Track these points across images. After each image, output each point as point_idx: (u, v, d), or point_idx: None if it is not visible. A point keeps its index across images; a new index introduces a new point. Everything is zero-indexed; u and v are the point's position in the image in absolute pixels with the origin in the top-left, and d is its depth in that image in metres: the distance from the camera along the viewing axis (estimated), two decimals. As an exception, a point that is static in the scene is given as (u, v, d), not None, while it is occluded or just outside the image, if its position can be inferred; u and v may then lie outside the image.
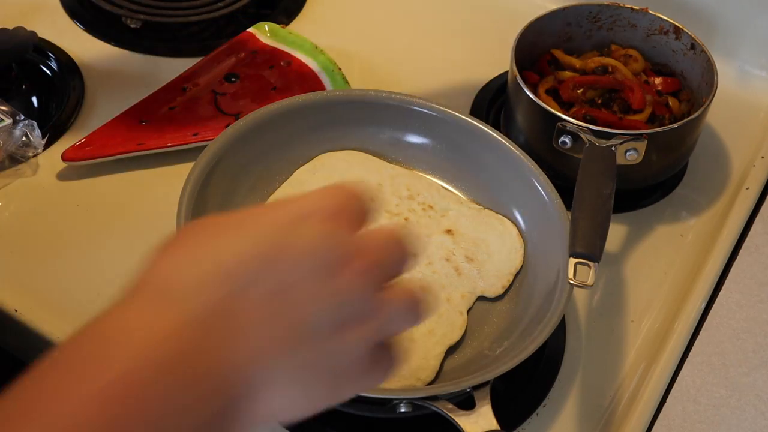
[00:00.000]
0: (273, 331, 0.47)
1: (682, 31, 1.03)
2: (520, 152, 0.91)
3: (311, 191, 0.51)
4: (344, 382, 0.51)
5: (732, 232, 0.97)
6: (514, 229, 0.92)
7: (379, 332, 0.51)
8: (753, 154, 1.06)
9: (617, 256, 0.96)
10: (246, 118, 0.92)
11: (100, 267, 0.90)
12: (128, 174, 0.99)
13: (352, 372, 0.50)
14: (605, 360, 0.87)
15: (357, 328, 0.49)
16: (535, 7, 1.07)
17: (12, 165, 0.98)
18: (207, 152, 0.88)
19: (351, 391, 0.52)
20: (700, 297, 0.91)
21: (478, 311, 0.87)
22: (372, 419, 0.80)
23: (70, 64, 1.10)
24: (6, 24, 1.07)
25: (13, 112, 0.98)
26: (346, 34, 1.19)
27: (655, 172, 0.99)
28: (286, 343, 0.47)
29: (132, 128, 1.01)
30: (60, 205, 0.96)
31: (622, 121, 0.97)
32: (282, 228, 0.49)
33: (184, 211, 0.82)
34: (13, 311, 0.86)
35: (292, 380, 0.48)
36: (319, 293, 0.48)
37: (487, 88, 1.12)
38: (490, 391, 0.74)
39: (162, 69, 1.11)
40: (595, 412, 0.83)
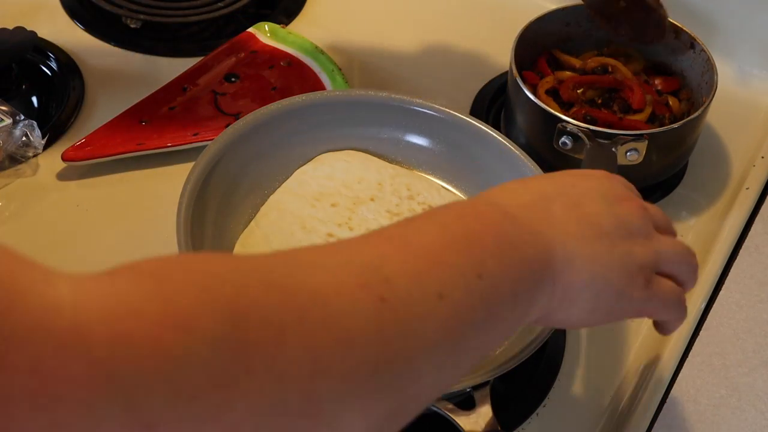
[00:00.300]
0: (576, 225, 0.59)
1: (681, 31, 1.03)
2: (521, 152, 0.91)
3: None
4: (629, 288, 0.60)
5: (732, 232, 0.97)
6: (514, 229, 0.92)
7: (657, 257, 0.62)
8: (753, 154, 1.06)
9: (617, 256, 0.96)
10: (246, 118, 0.92)
11: (100, 267, 0.90)
12: (128, 174, 0.99)
13: (636, 280, 0.60)
14: (605, 360, 0.87)
15: (639, 244, 0.61)
16: (535, 7, 1.07)
17: (12, 165, 0.98)
18: (207, 152, 0.88)
19: (633, 305, 0.62)
20: (700, 297, 0.91)
21: (478, 311, 0.87)
22: (372, 419, 0.80)
23: (70, 64, 1.10)
24: (6, 24, 1.07)
25: (13, 112, 0.98)
26: (346, 34, 1.19)
27: (655, 172, 0.99)
28: (587, 233, 0.59)
29: (132, 128, 1.01)
30: (60, 205, 0.96)
31: (622, 121, 0.97)
32: (573, 175, 0.66)
33: (184, 211, 0.82)
34: (13, 311, 0.85)
35: (590, 263, 0.58)
36: (608, 210, 0.61)
37: (487, 88, 1.12)
38: (490, 391, 0.74)
39: (162, 69, 1.11)
40: (595, 412, 0.83)
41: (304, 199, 0.93)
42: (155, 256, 0.46)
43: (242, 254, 0.46)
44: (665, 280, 0.63)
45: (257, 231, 0.90)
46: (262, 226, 0.90)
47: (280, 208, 0.92)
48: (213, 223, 0.87)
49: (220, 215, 0.88)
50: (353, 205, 0.92)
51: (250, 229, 0.90)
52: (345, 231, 0.91)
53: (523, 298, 0.55)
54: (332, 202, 0.92)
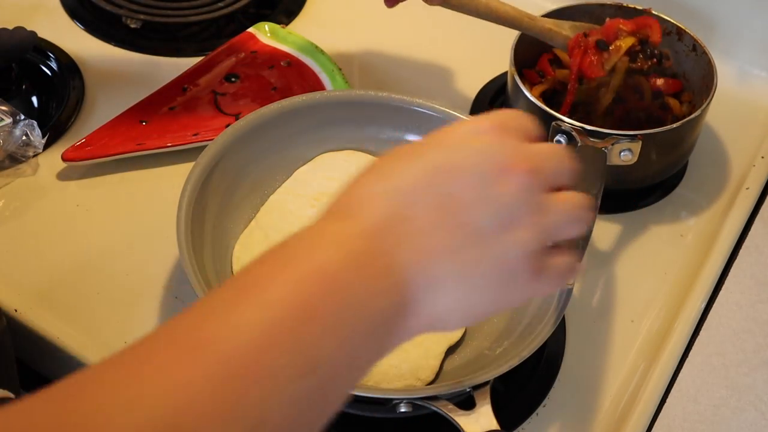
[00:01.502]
0: (441, 234, 0.52)
1: (684, 33, 1.03)
2: (521, 152, 0.91)
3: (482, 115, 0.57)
4: (512, 285, 0.54)
5: (732, 232, 0.97)
6: (514, 229, 0.92)
7: (544, 234, 0.54)
8: (753, 154, 1.06)
9: (617, 256, 0.96)
10: (246, 118, 0.92)
11: (100, 266, 0.91)
12: (128, 174, 0.99)
13: (520, 274, 0.54)
14: (605, 360, 0.87)
15: (522, 228, 0.53)
16: (536, 7, 1.07)
17: (12, 165, 0.98)
18: (207, 152, 0.88)
19: (520, 296, 0.55)
20: (700, 297, 0.91)
21: (478, 311, 0.87)
22: (372, 419, 0.80)
23: (70, 64, 1.10)
24: (6, 24, 1.07)
25: (13, 112, 0.98)
26: (346, 34, 1.19)
27: (654, 172, 0.99)
28: (454, 242, 0.52)
29: (132, 128, 1.02)
30: (60, 205, 0.96)
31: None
32: (452, 146, 0.55)
33: (184, 211, 0.82)
34: (13, 311, 0.86)
35: (460, 280, 0.52)
36: (484, 196, 0.52)
37: (487, 88, 1.12)
38: (490, 391, 0.74)
39: (162, 69, 1.11)
40: (595, 412, 0.83)
41: (304, 199, 0.93)
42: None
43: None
44: (558, 253, 0.56)
45: (257, 231, 0.90)
46: (262, 226, 0.90)
47: (280, 208, 0.92)
48: (213, 223, 0.87)
49: (220, 215, 0.88)
50: None
51: (250, 229, 0.90)
52: (345, 231, 0.90)
53: (377, 346, 0.51)
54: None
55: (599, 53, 0.95)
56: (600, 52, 0.95)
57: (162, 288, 0.89)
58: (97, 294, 0.88)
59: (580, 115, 1.00)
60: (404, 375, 0.80)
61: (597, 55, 0.95)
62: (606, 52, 0.95)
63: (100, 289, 0.88)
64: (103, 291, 0.88)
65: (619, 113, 0.99)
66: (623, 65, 0.96)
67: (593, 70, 0.95)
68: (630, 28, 0.97)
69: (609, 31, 0.97)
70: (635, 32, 0.97)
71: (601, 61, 0.95)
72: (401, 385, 0.80)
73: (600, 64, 0.95)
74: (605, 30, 0.97)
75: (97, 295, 0.88)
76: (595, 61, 0.95)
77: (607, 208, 0.95)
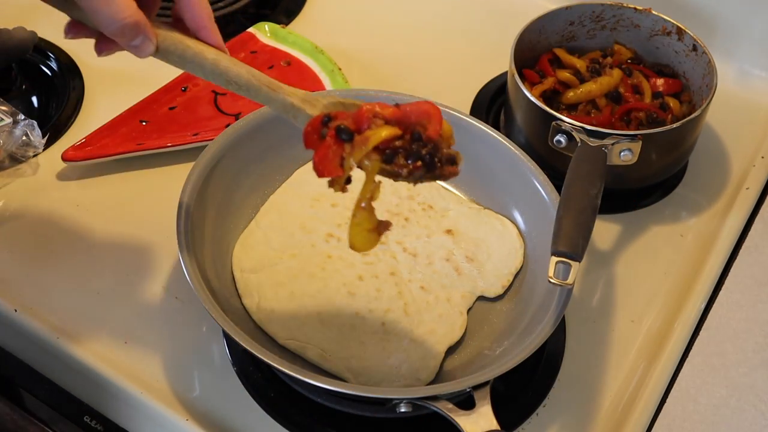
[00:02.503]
0: None
1: (684, 33, 1.03)
2: (520, 152, 0.91)
3: None
4: None
5: (732, 232, 0.97)
6: (514, 229, 0.92)
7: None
8: (753, 154, 1.06)
9: (617, 256, 0.96)
10: (246, 118, 0.92)
11: (100, 267, 0.91)
12: (128, 174, 0.99)
13: None
14: (605, 360, 0.87)
15: None
16: (536, 7, 1.07)
17: (12, 165, 0.98)
18: (207, 152, 0.88)
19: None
20: (700, 297, 0.91)
21: (478, 311, 0.87)
22: (372, 419, 0.80)
23: (70, 64, 1.10)
24: (6, 24, 1.07)
25: (13, 112, 0.98)
26: (346, 34, 1.19)
27: (654, 172, 0.99)
28: None
29: (132, 128, 1.02)
30: (60, 205, 0.96)
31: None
32: None
33: (184, 211, 0.82)
34: (13, 311, 0.86)
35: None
36: None
37: (487, 88, 1.12)
38: (490, 391, 0.74)
39: (162, 69, 1.09)
40: (595, 412, 0.83)
41: (304, 199, 0.93)
42: None
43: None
44: None
45: (257, 231, 0.90)
46: (262, 226, 0.90)
47: (280, 208, 0.92)
48: (213, 223, 0.87)
49: (220, 215, 0.88)
50: (353, 205, 0.92)
51: (250, 229, 0.90)
52: (345, 231, 0.90)
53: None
54: (332, 202, 0.92)
55: (339, 144, 0.68)
56: (340, 142, 0.68)
57: (162, 288, 0.89)
58: (97, 294, 0.88)
59: (580, 115, 1.00)
60: (404, 375, 0.80)
61: (336, 146, 0.68)
62: (350, 143, 0.68)
63: (100, 289, 0.88)
64: (103, 291, 0.88)
65: (619, 113, 0.99)
66: (373, 165, 0.69)
67: (326, 165, 0.69)
68: (392, 115, 0.69)
69: (361, 117, 0.69)
70: (401, 121, 0.69)
71: (339, 154, 0.68)
72: (401, 385, 0.80)
73: (336, 159, 0.68)
74: (357, 115, 0.70)
75: (97, 295, 0.88)
76: (330, 155, 0.68)
77: (607, 208, 0.95)
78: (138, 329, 0.86)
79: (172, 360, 0.84)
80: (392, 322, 0.84)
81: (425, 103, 0.70)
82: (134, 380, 0.82)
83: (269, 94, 0.74)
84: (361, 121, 0.69)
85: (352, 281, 0.87)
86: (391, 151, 0.69)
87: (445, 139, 0.71)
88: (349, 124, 0.69)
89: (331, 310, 0.84)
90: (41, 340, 0.84)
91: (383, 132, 0.68)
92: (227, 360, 0.84)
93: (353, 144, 0.68)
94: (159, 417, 0.81)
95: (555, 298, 0.80)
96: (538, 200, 0.89)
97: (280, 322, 0.83)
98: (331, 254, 0.89)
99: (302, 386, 0.81)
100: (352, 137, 0.68)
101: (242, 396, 0.82)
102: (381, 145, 0.69)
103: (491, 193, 0.94)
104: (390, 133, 0.69)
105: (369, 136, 0.68)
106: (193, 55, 0.73)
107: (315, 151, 0.70)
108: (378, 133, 0.68)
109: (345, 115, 0.71)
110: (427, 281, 0.87)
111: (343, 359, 0.81)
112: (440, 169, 0.70)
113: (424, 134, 0.69)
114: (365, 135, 0.68)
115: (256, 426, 0.80)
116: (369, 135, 0.68)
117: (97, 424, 0.83)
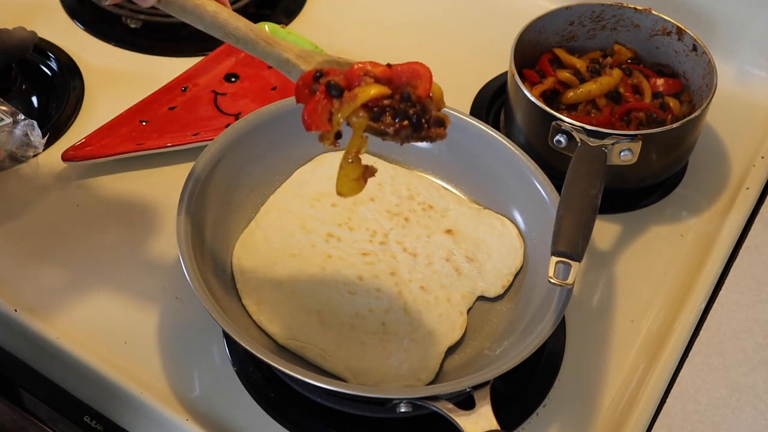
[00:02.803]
0: None
1: (684, 33, 1.03)
2: (520, 152, 0.91)
3: None
4: None
5: (732, 232, 0.97)
6: (514, 229, 0.92)
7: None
8: (753, 154, 1.06)
9: (617, 256, 0.96)
10: (246, 118, 0.92)
11: (99, 267, 0.91)
12: (128, 174, 0.99)
13: None
14: (605, 360, 0.87)
15: None
16: (536, 7, 1.07)
17: (12, 165, 0.98)
18: (207, 152, 0.88)
19: None
20: (700, 297, 0.91)
21: (478, 311, 0.87)
22: (372, 419, 0.80)
23: (70, 64, 1.10)
24: (6, 24, 1.07)
25: (13, 112, 0.98)
26: (346, 34, 1.19)
27: (654, 172, 0.99)
28: None
29: (132, 128, 1.02)
30: (60, 205, 0.96)
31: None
32: None
33: (184, 211, 0.82)
34: (13, 311, 0.86)
35: None
36: None
37: (487, 88, 1.12)
38: (490, 391, 0.74)
39: (162, 69, 1.11)
40: (595, 412, 0.83)
41: (304, 199, 0.93)
42: None
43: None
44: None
45: (257, 231, 0.90)
46: (262, 226, 0.90)
47: (280, 208, 0.92)
48: (213, 223, 0.87)
49: (220, 215, 0.88)
50: (353, 205, 0.92)
51: (250, 229, 0.90)
52: (345, 231, 0.91)
53: None
54: (332, 202, 0.92)
55: (329, 99, 0.70)
56: (330, 98, 0.71)
57: (162, 288, 0.89)
58: (97, 294, 0.88)
59: (580, 115, 1.00)
60: (404, 375, 0.80)
61: (325, 101, 0.70)
62: (339, 99, 0.70)
63: (100, 289, 0.88)
64: (103, 291, 0.88)
65: (619, 113, 0.99)
66: (360, 122, 0.71)
67: (314, 119, 0.70)
68: (383, 74, 0.72)
69: (352, 75, 0.71)
70: (392, 81, 0.72)
71: (328, 109, 0.71)
72: (401, 385, 0.80)
73: (325, 114, 0.70)
74: (349, 72, 0.72)
75: (97, 295, 0.88)
76: (319, 109, 0.70)
77: (607, 208, 0.95)
78: (138, 329, 0.86)
79: (172, 360, 0.84)
80: (392, 322, 0.84)
81: (416, 64, 0.72)
82: (134, 380, 0.82)
83: (266, 48, 0.76)
84: (352, 79, 0.71)
85: (352, 281, 0.87)
86: (379, 109, 0.70)
87: (435, 101, 0.72)
88: (340, 80, 0.71)
89: (331, 310, 0.84)
90: (41, 340, 0.84)
91: (372, 90, 0.70)
92: (227, 360, 0.84)
93: (342, 100, 0.70)
94: (159, 417, 0.81)
95: (555, 298, 0.80)
96: (538, 200, 0.89)
97: (280, 322, 0.83)
98: (331, 254, 0.89)
99: (302, 386, 0.81)
100: (341, 93, 0.70)
101: (242, 396, 0.82)
102: (369, 103, 0.70)
103: (491, 193, 0.94)
104: (378, 91, 0.70)
105: (358, 93, 0.70)
106: (193, 6, 0.75)
107: (305, 105, 0.71)
108: (366, 90, 0.70)
109: (337, 71, 0.72)
110: (427, 281, 0.87)
111: (343, 359, 0.81)
112: (427, 130, 0.71)
113: (414, 94, 0.70)
114: (354, 92, 0.70)
115: (256, 426, 0.80)
116: (358, 92, 0.70)
117: (97, 424, 0.83)
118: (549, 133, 0.94)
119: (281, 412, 0.81)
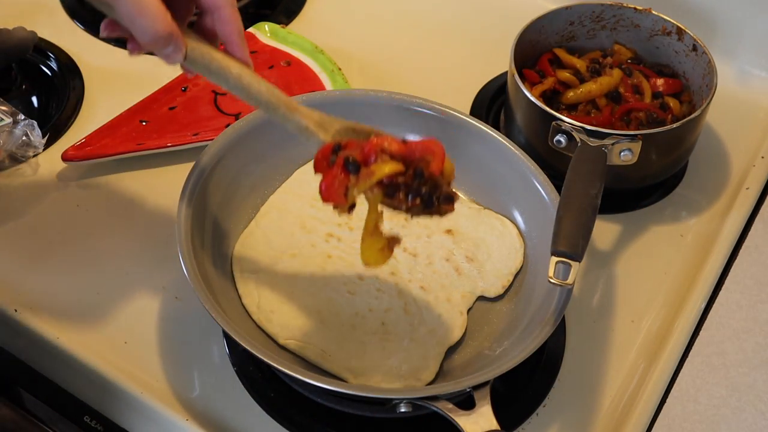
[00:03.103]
0: None
1: (684, 33, 1.03)
2: (520, 152, 0.91)
3: None
4: None
5: (732, 232, 0.97)
6: (514, 229, 0.92)
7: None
8: (753, 154, 1.06)
9: (617, 256, 0.96)
10: (246, 118, 0.92)
11: (100, 267, 0.91)
12: (128, 174, 0.99)
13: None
14: (605, 360, 0.87)
15: None
16: (536, 7, 1.07)
17: (12, 165, 0.98)
18: (207, 152, 0.88)
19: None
20: (700, 297, 0.91)
21: (478, 311, 0.87)
22: (372, 419, 0.80)
23: (70, 64, 1.10)
24: (6, 24, 1.07)
25: (13, 112, 0.98)
26: (346, 34, 1.19)
27: (654, 172, 0.99)
28: None
29: (132, 128, 1.02)
30: (60, 205, 0.96)
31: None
32: None
33: (184, 211, 0.82)
34: (13, 311, 0.86)
35: None
36: None
37: (487, 88, 1.12)
38: (490, 391, 0.74)
39: (162, 69, 1.10)
40: (595, 412, 0.83)
41: (304, 199, 0.93)
42: None
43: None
44: None
45: (257, 231, 0.90)
46: (262, 226, 0.90)
47: (280, 208, 0.92)
48: (213, 223, 0.87)
49: (220, 215, 0.88)
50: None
51: (250, 229, 0.90)
52: (345, 231, 0.91)
53: None
54: (332, 202, 0.92)
55: (346, 175, 0.73)
56: (347, 173, 0.73)
57: (162, 288, 0.89)
58: (97, 294, 0.88)
59: (580, 115, 1.00)
60: (404, 375, 0.80)
61: (342, 176, 0.73)
62: (355, 176, 0.73)
63: (100, 289, 0.88)
64: (103, 291, 0.88)
65: (619, 113, 0.99)
66: (375, 198, 0.74)
67: (331, 193, 0.73)
68: (399, 151, 0.74)
69: (370, 150, 0.73)
70: (406, 156, 0.74)
71: (345, 184, 0.73)
72: (401, 385, 0.80)
73: (341, 189, 0.73)
74: (367, 147, 0.74)
75: (97, 295, 0.88)
76: (336, 184, 0.72)
77: (607, 208, 0.95)
78: (138, 329, 0.86)
79: (172, 360, 0.84)
80: (392, 322, 0.84)
81: (431, 141, 0.75)
82: (134, 380, 0.82)
83: (286, 113, 0.77)
84: (369, 154, 0.73)
85: (352, 281, 0.87)
86: (393, 186, 0.73)
87: (446, 176, 0.75)
88: (357, 155, 0.73)
89: (331, 310, 0.84)
90: (41, 340, 0.84)
91: (386, 168, 0.73)
92: (227, 360, 0.84)
93: (359, 176, 0.73)
94: (159, 417, 0.81)
95: (555, 298, 0.80)
96: (538, 200, 0.89)
97: (280, 322, 0.83)
98: (331, 254, 0.89)
99: (302, 386, 0.81)
100: (358, 169, 0.73)
101: (242, 396, 0.82)
102: (384, 180, 0.73)
103: (491, 193, 0.94)
104: (393, 169, 0.73)
105: (374, 170, 0.73)
106: (218, 68, 0.75)
107: (323, 178, 0.74)
108: (382, 168, 0.73)
109: (354, 144, 0.75)
110: (427, 281, 0.87)
111: (343, 359, 0.81)
112: (437, 207, 0.74)
113: (426, 170, 0.73)
114: (371, 169, 0.73)
115: (256, 426, 0.80)
116: (374, 169, 0.73)
117: (97, 424, 0.83)
118: (549, 133, 0.94)
119: (281, 412, 0.81)
